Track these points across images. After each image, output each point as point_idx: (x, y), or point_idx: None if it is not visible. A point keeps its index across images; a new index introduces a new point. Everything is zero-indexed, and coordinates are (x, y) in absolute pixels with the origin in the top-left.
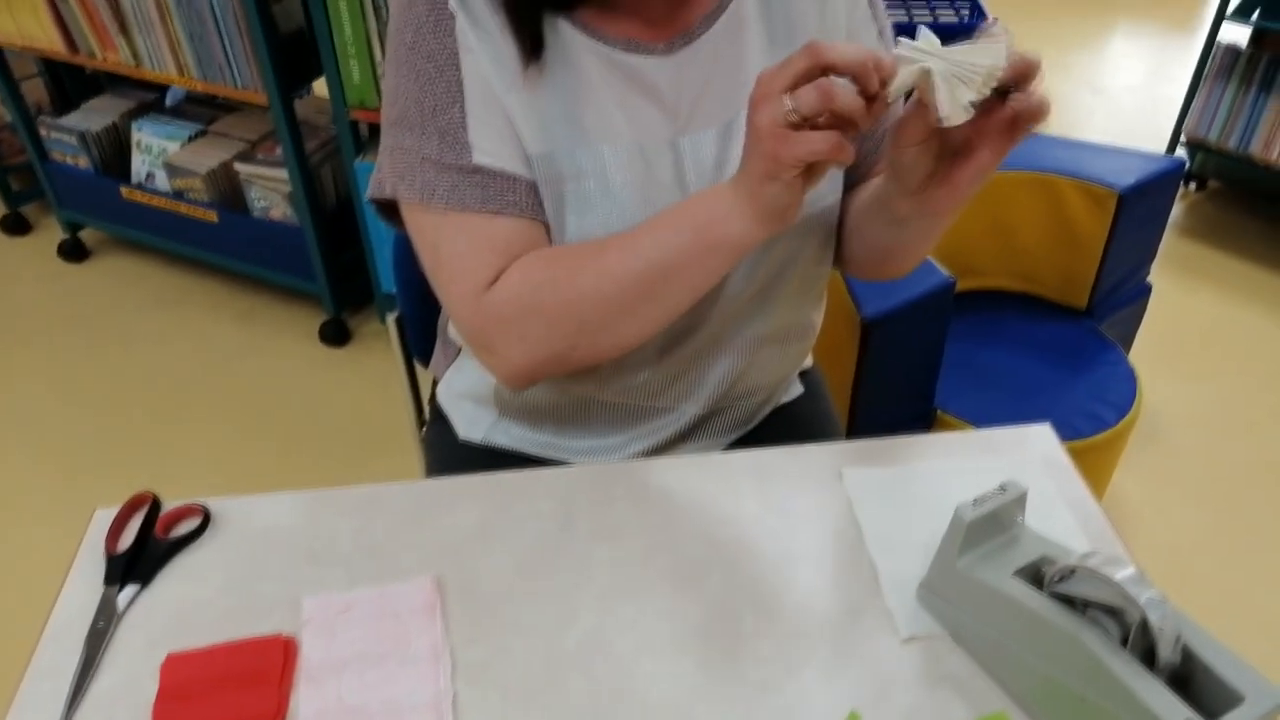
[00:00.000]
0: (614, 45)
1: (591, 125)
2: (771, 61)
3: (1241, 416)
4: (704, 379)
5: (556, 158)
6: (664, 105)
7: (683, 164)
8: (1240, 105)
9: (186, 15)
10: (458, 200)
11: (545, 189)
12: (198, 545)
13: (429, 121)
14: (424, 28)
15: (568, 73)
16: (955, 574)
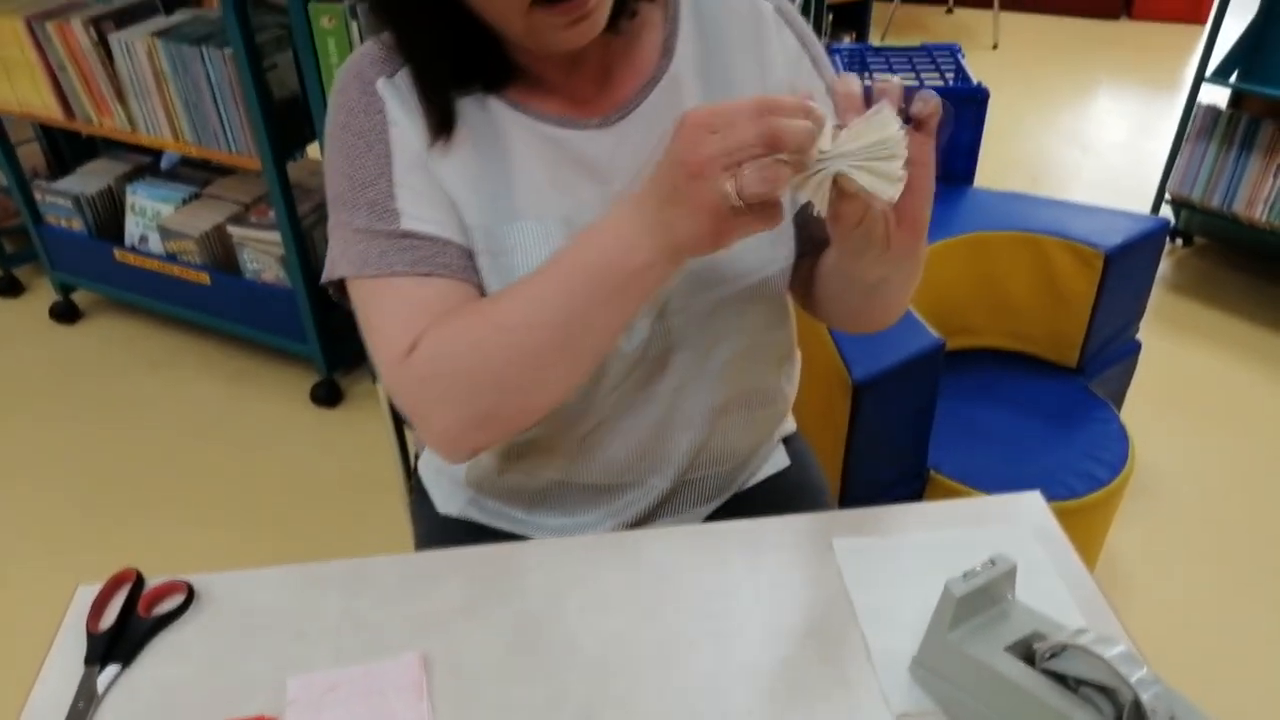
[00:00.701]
0: (546, 120)
1: (519, 201)
2: None
3: (1234, 471)
4: (667, 452)
5: (480, 231)
6: (600, 178)
7: None
8: (1222, 164)
9: (182, 83)
10: (387, 265)
11: (480, 259)
12: (181, 623)
13: (359, 195)
14: (354, 109)
15: (496, 148)
16: (947, 649)
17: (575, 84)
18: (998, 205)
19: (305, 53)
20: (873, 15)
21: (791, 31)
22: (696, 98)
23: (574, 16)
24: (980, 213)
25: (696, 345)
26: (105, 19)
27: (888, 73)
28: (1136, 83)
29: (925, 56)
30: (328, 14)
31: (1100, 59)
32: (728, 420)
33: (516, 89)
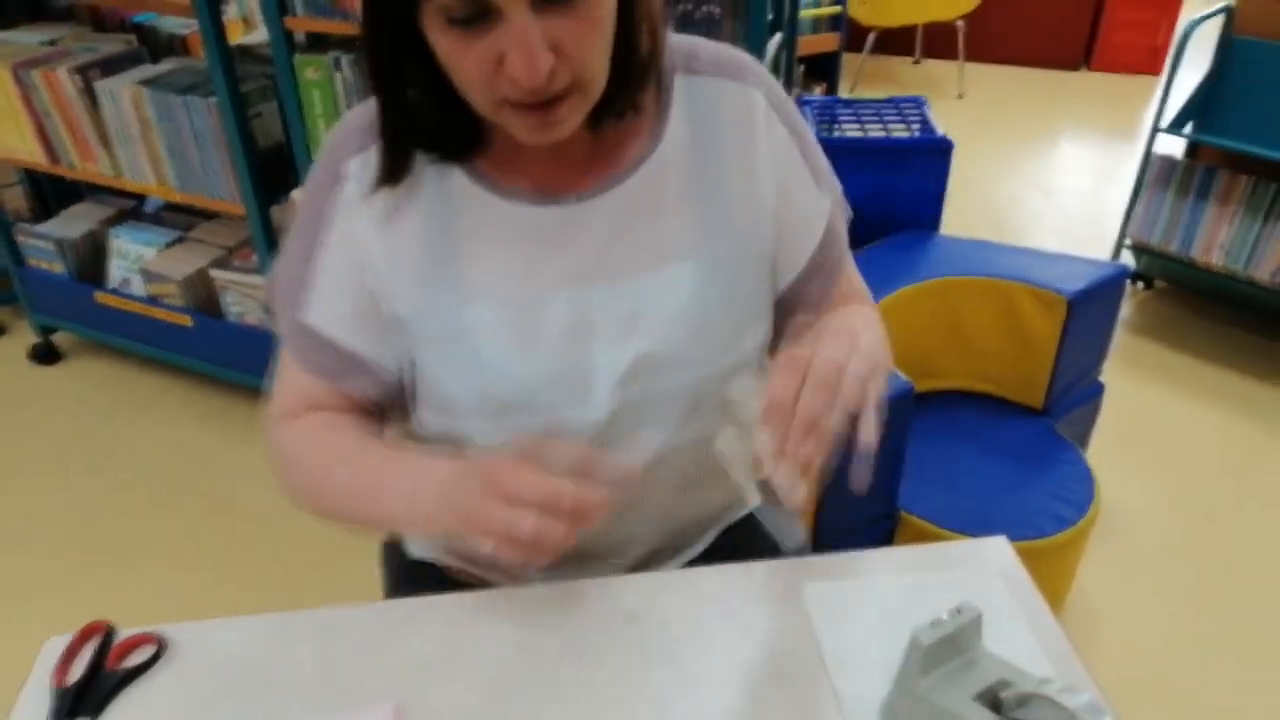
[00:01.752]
0: (515, 198)
1: (474, 285)
2: (695, 220)
3: (1198, 510)
4: (636, 525)
5: (428, 318)
6: (570, 256)
7: (588, 316)
8: (1179, 212)
9: (167, 130)
10: (284, 336)
11: (418, 348)
12: (151, 675)
13: (287, 266)
14: (316, 186)
15: (454, 230)
16: (915, 698)
17: (554, 159)
18: (963, 252)
19: (290, 103)
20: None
21: (782, 122)
22: (682, 183)
23: (542, 120)
24: (946, 259)
25: (665, 423)
26: (92, 67)
27: (856, 125)
28: (1096, 131)
29: (892, 109)
30: (313, 65)
31: (1061, 109)
32: (701, 491)
33: (489, 158)
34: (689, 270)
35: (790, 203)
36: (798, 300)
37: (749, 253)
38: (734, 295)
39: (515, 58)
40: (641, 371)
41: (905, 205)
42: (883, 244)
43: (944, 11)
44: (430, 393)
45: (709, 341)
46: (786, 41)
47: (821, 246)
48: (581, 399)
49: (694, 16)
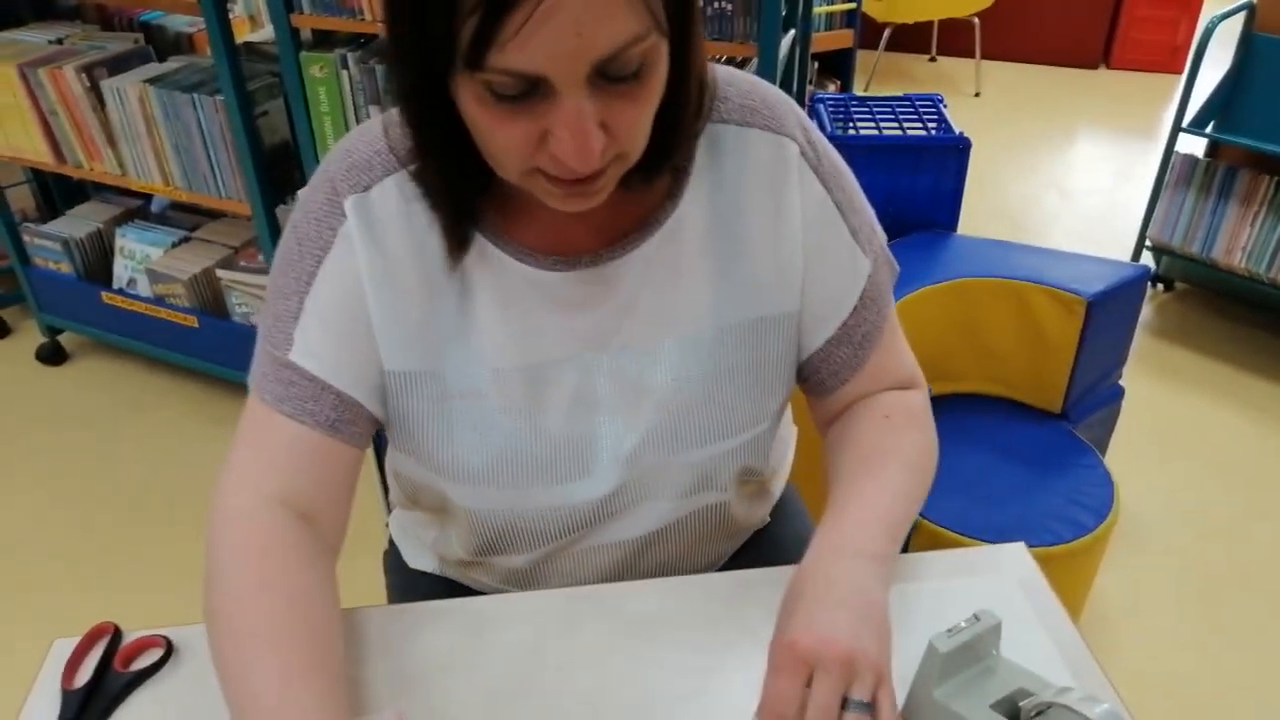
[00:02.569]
0: (527, 259)
1: (475, 348)
2: (714, 284)
3: (1220, 516)
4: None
5: (429, 376)
6: (579, 323)
7: (594, 382)
8: (1201, 212)
9: (173, 129)
10: (261, 388)
11: (415, 403)
12: (159, 679)
13: (274, 301)
14: (312, 214)
15: (465, 290)
16: (932, 706)
17: (569, 216)
18: (980, 252)
19: (296, 101)
20: (857, 64)
21: (815, 176)
22: (701, 245)
23: (577, 192)
24: (963, 260)
25: (673, 495)
26: (98, 66)
27: (872, 123)
28: (1115, 131)
29: (908, 106)
30: (318, 63)
31: (1080, 107)
32: (713, 544)
33: (496, 204)
34: (705, 341)
35: (823, 265)
36: (823, 365)
37: (771, 321)
38: (751, 367)
39: (565, 138)
40: (649, 446)
41: (922, 205)
42: (898, 244)
43: (959, 8)
44: (420, 449)
45: (722, 416)
46: (800, 38)
47: (855, 311)
48: (585, 472)
49: (705, 13)
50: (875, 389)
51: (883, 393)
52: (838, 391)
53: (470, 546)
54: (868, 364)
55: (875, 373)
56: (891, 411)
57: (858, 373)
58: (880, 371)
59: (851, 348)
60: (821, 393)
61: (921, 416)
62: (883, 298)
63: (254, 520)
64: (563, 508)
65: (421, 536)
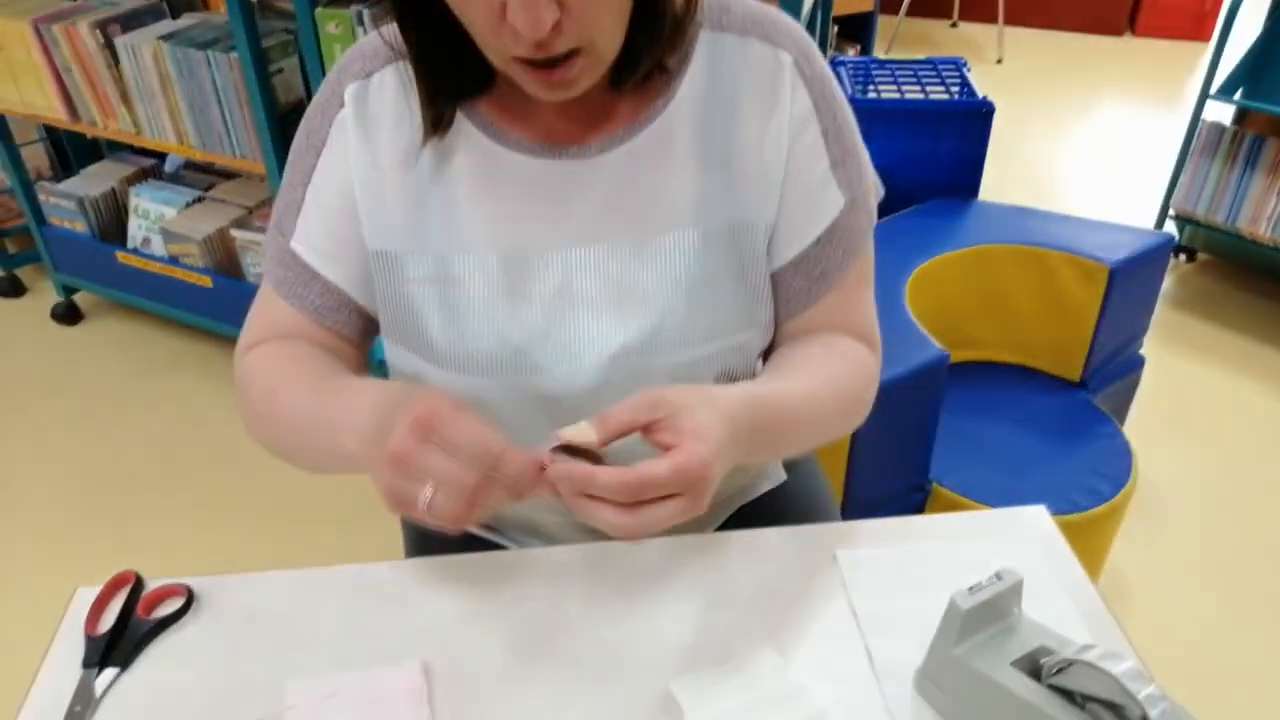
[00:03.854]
0: (517, 147)
1: (465, 233)
2: (701, 185)
3: (1238, 489)
4: None
5: (417, 257)
6: (565, 215)
7: (580, 280)
8: (1226, 181)
9: (188, 86)
10: (268, 271)
11: (406, 286)
12: (180, 627)
13: (283, 191)
14: (318, 106)
15: (450, 174)
16: (952, 663)
17: (562, 112)
18: (1002, 218)
19: (311, 58)
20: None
21: (807, 92)
22: (690, 145)
23: (549, 80)
24: (984, 226)
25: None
26: (112, 22)
27: (893, 86)
28: (1140, 98)
29: (930, 70)
30: (334, 20)
31: (1104, 75)
32: None
33: (495, 102)
34: (690, 239)
35: (795, 183)
36: (778, 290)
37: (753, 228)
38: (736, 270)
39: (515, 6)
40: (633, 347)
41: (943, 171)
42: (918, 210)
43: None
44: (411, 334)
45: (708, 319)
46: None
47: (817, 243)
48: (567, 365)
49: None
50: (826, 326)
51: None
52: (788, 325)
53: None
54: (820, 303)
55: (828, 316)
56: (834, 342)
57: (809, 309)
58: (834, 317)
59: (806, 280)
60: (778, 321)
61: (863, 368)
62: (852, 243)
63: (264, 350)
64: (542, 399)
65: None
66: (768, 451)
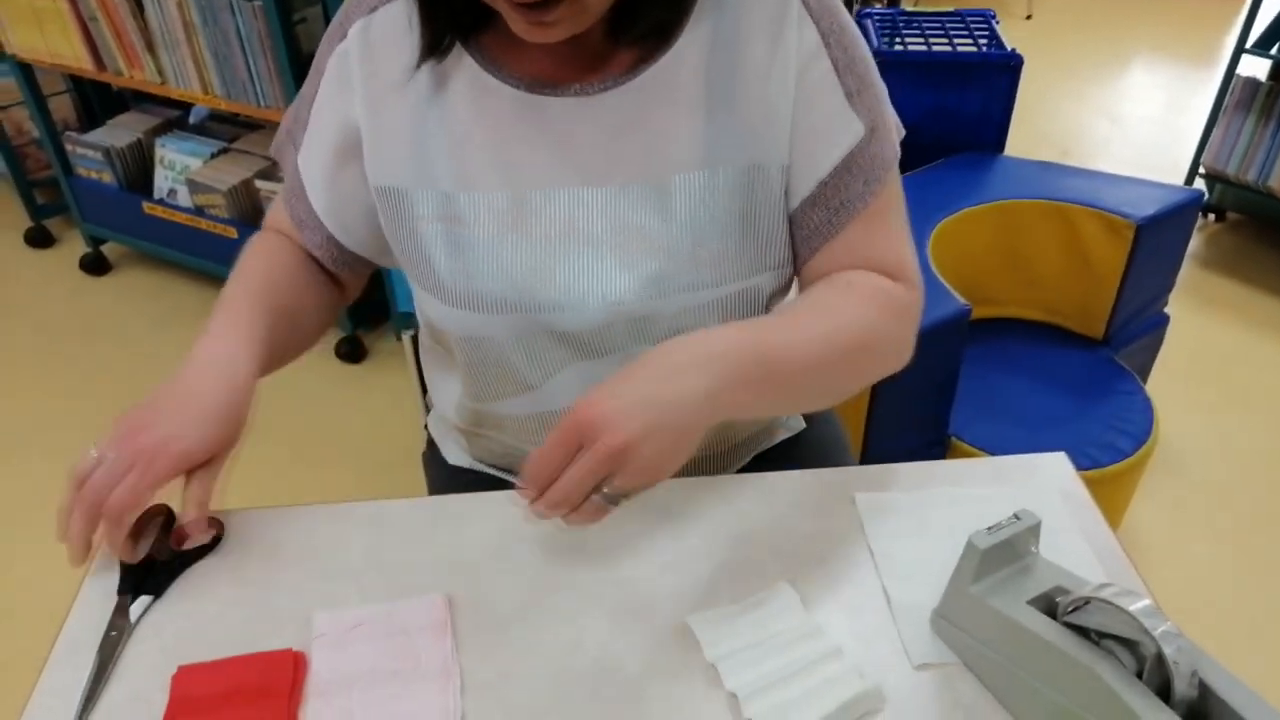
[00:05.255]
0: (518, 83)
1: (463, 168)
2: (707, 127)
3: (1259, 448)
4: None
5: (420, 194)
6: (567, 153)
7: (583, 216)
8: (1260, 138)
9: (212, 35)
10: (285, 169)
11: (414, 223)
12: (210, 558)
13: (299, 103)
14: (326, 37)
15: (451, 110)
16: (968, 602)
17: (561, 53)
18: (1027, 174)
19: (334, 6)
20: None
21: (814, 25)
22: (696, 86)
23: (532, 21)
24: (1010, 181)
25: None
26: None
27: (920, 39)
28: (1172, 56)
29: (958, 21)
30: None
31: (1135, 32)
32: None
33: (497, 38)
34: (696, 182)
35: (809, 118)
36: (798, 228)
37: (762, 170)
38: (747, 214)
39: None
40: (638, 289)
41: (969, 125)
42: (944, 164)
43: None
44: (422, 271)
45: (715, 263)
46: None
47: (835, 173)
48: (573, 305)
49: None
50: (850, 262)
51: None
52: (811, 262)
53: (472, 391)
54: (842, 235)
55: (852, 249)
56: (856, 281)
57: (830, 242)
58: (858, 250)
59: (826, 212)
60: (800, 262)
61: (892, 303)
62: (874, 171)
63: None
64: (554, 335)
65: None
66: (771, 389)
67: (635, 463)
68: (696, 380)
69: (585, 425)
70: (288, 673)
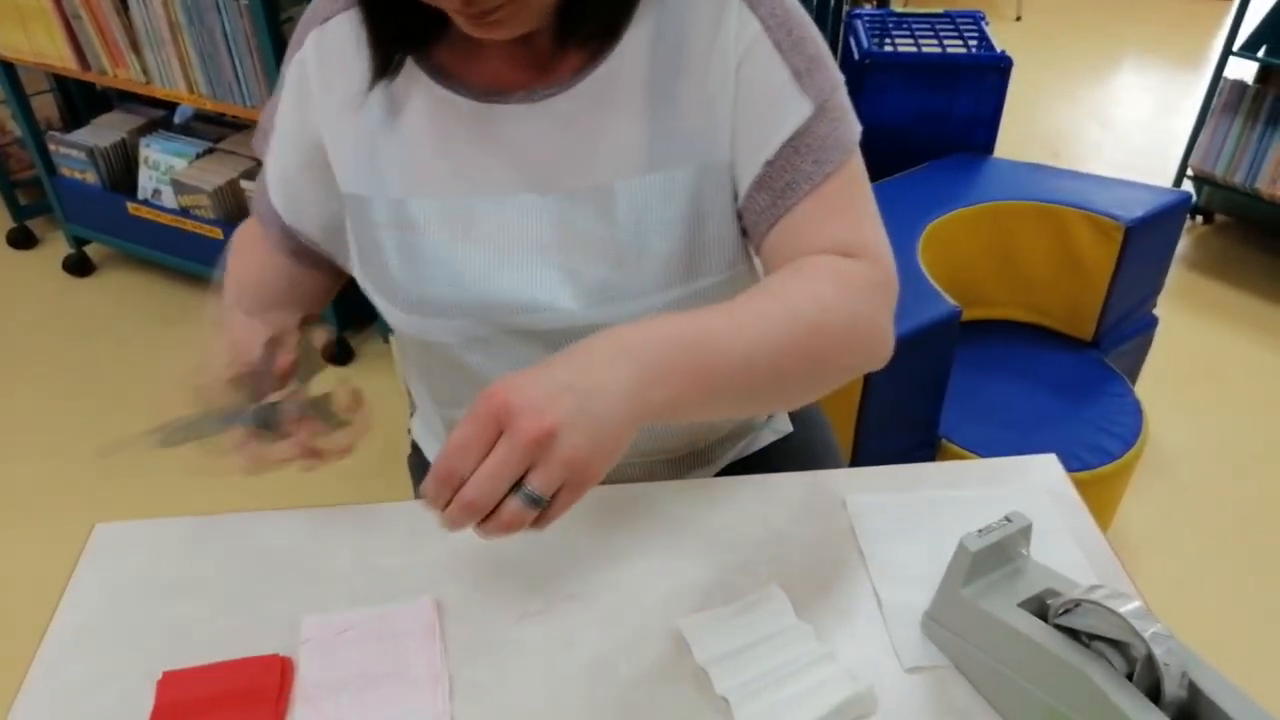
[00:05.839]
0: (467, 93)
1: (415, 175)
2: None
3: (1247, 451)
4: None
5: (377, 201)
6: (518, 159)
7: (533, 223)
8: (1247, 141)
9: (198, 34)
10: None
11: (374, 230)
12: (198, 561)
13: (270, 106)
14: (291, 45)
15: (403, 121)
16: (960, 604)
17: (510, 56)
18: (1017, 175)
19: None
20: None
21: (754, 14)
22: (636, 89)
23: (473, 17)
24: (1000, 183)
25: None
26: None
27: (910, 40)
28: (1161, 59)
29: (948, 23)
30: None
31: (1124, 34)
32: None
33: (447, 46)
34: (641, 187)
35: (751, 104)
36: (746, 213)
37: (706, 172)
38: (694, 216)
39: None
40: (588, 295)
41: (958, 126)
42: (934, 165)
43: None
44: (378, 277)
45: (663, 267)
46: None
47: (780, 153)
48: (524, 311)
49: None
50: (803, 246)
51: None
52: (763, 249)
53: (436, 396)
54: (792, 215)
55: (803, 230)
56: (806, 262)
57: (779, 223)
58: (811, 230)
59: (771, 194)
60: (755, 251)
61: (851, 279)
62: (825, 152)
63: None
64: (509, 339)
65: (438, 439)
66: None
67: (558, 452)
68: (621, 368)
69: (500, 410)
70: (275, 677)
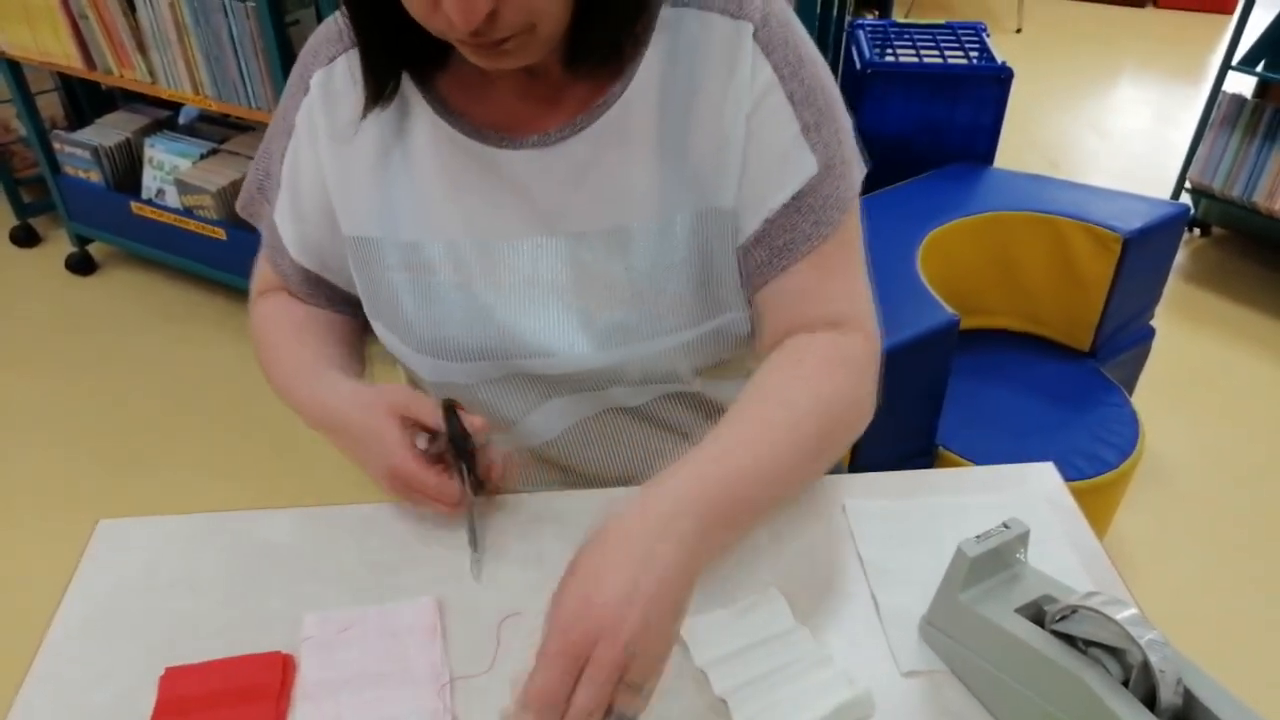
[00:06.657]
0: (476, 135)
1: (427, 219)
2: (662, 173)
3: (1243, 462)
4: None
5: (388, 245)
6: (530, 201)
7: (546, 265)
8: (1244, 154)
9: (204, 35)
10: (262, 228)
11: (383, 272)
12: (200, 558)
13: (266, 158)
14: (289, 90)
15: (412, 162)
16: (957, 609)
17: (520, 91)
18: (1017, 186)
19: (327, 8)
20: None
21: (768, 60)
22: (649, 129)
23: (487, 55)
24: (999, 193)
25: (633, 382)
26: None
27: (911, 50)
28: (1160, 72)
29: (949, 34)
30: None
31: (1124, 47)
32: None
33: (452, 77)
34: (655, 229)
35: (760, 154)
36: (743, 265)
37: (712, 216)
38: (704, 259)
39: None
40: (604, 337)
41: (959, 136)
42: (934, 175)
43: None
44: (391, 319)
45: (677, 308)
46: None
47: (783, 210)
48: (540, 354)
49: None
50: (797, 311)
51: (812, 334)
52: (756, 301)
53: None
54: (788, 276)
55: (798, 294)
56: (806, 356)
57: (774, 282)
58: (805, 297)
59: (769, 251)
60: (749, 299)
61: (852, 363)
62: (825, 212)
63: (274, 301)
64: (523, 380)
65: None
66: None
67: (643, 658)
68: (674, 549)
69: (580, 641)
70: (276, 675)
